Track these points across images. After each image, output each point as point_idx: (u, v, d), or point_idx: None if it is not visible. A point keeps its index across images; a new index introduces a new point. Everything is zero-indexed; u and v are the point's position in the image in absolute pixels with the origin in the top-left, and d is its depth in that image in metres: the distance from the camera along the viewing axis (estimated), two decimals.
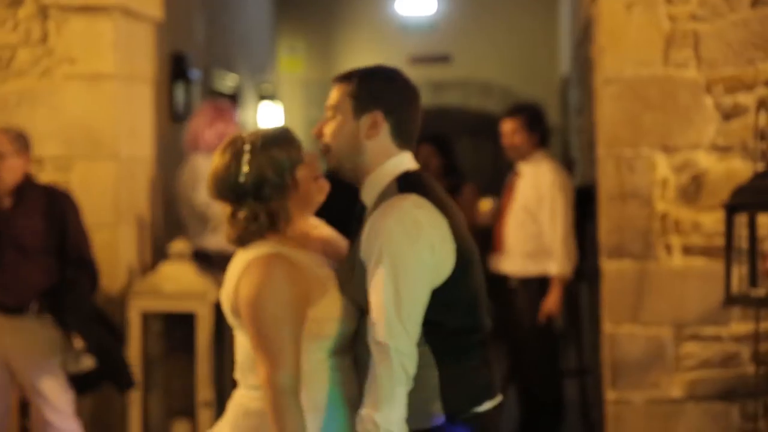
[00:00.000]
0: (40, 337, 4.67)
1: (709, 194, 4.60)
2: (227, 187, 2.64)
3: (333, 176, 2.73)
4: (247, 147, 2.63)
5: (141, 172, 5.67)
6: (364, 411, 2.50)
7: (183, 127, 6.78)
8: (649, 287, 4.64)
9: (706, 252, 4.62)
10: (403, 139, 2.67)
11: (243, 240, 2.65)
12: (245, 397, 2.67)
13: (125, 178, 5.44)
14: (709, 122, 4.60)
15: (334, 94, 2.67)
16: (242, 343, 2.67)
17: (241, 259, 2.63)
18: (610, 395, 4.71)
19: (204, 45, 7.63)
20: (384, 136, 2.64)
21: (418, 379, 2.54)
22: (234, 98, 8.49)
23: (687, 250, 4.65)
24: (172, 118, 6.74)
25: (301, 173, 2.65)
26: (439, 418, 2.58)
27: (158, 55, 6.13)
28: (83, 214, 4.97)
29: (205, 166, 5.63)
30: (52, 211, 4.69)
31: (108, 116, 5.36)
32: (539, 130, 5.82)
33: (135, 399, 5.26)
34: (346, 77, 2.68)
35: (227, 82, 8.50)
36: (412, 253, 2.50)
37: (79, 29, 5.33)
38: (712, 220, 4.59)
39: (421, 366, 2.53)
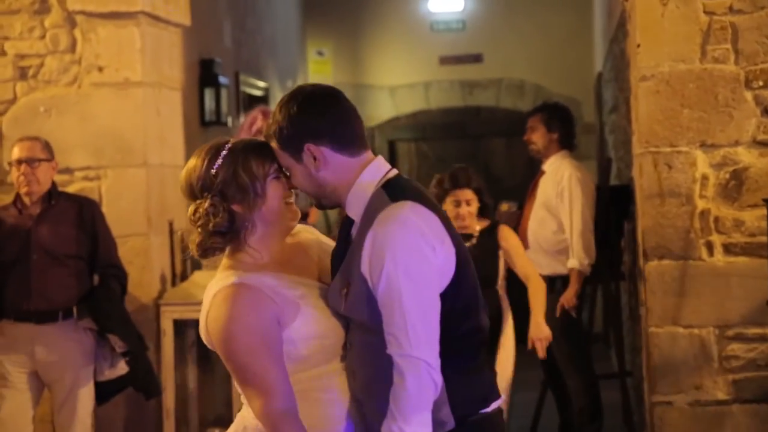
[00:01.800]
0: (73, 345, 4.67)
1: (751, 191, 4.49)
2: (196, 178, 2.57)
3: None
4: (227, 146, 2.58)
5: (171, 179, 5.63)
6: (394, 425, 2.44)
7: (212, 133, 6.75)
8: (690, 287, 4.53)
9: (748, 250, 4.52)
10: (351, 147, 2.57)
11: (204, 248, 2.59)
12: (245, 411, 2.62)
13: (155, 186, 5.41)
14: (749, 117, 4.49)
15: (277, 158, 2.59)
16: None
17: (209, 291, 2.57)
18: (652, 398, 4.61)
19: (232, 50, 7.60)
20: (332, 158, 2.55)
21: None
22: (263, 103, 8.44)
23: (728, 249, 4.54)
24: (202, 124, 6.71)
25: (273, 189, 2.57)
26: (449, 423, 2.54)
27: (186, 61, 6.10)
28: (115, 222, 4.96)
29: None
30: (83, 218, 4.74)
31: (137, 123, 5.34)
32: (559, 129, 5.81)
33: (169, 408, 5.22)
34: (268, 139, 2.60)
35: (256, 86, 8.46)
36: (422, 261, 2.46)
37: (106, 36, 5.31)
38: (754, 217, 4.48)
39: None
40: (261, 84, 8.61)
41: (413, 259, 2.45)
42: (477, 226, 5.04)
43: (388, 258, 2.43)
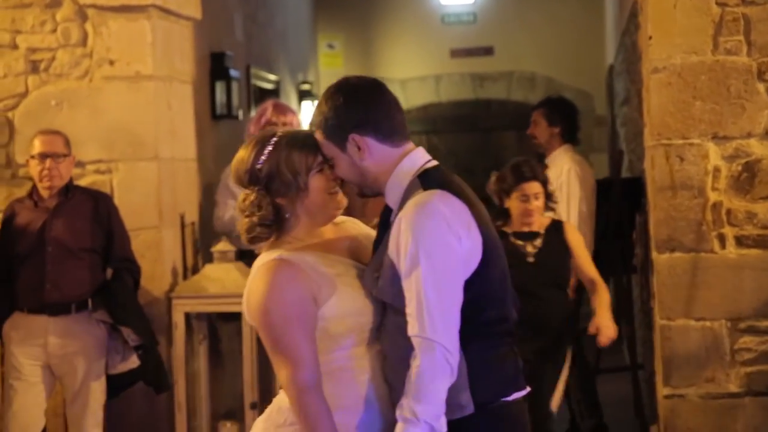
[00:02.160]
0: (86, 338, 4.69)
1: (763, 183, 4.47)
2: (244, 171, 2.67)
3: None
4: (273, 140, 2.68)
5: (183, 173, 5.64)
6: (405, 401, 2.50)
7: (224, 126, 6.76)
8: (702, 280, 4.52)
9: (760, 243, 4.50)
10: (394, 138, 2.67)
11: (251, 235, 2.69)
12: (281, 395, 2.70)
13: (167, 179, 5.42)
14: (761, 109, 4.47)
15: (320, 147, 2.69)
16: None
17: (253, 267, 2.69)
18: (663, 390, 4.60)
19: (243, 43, 7.60)
20: (375, 148, 2.66)
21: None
22: (275, 96, 8.45)
23: (741, 241, 4.52)
24: (213, 118, 6.71)
25: (316, 182, 2.66)
26: (468, 408, 2.59)
27: (198, 54, 6.10)
28: (127, 216, 4.98)
29: None
30: (98, 212, 4.77)
31: (148, 117, 5.34)
32: (561, 124, 5.82)
33: (181, 401, 5.23)
34: (311, 126, 2.72)
35: (267, 80, 8.46)
36: (444, 247, 2.52)
37: (117, 30, 5.32)
38: (767, 210, 4.46)
39: None
40: (272, 77, 8.61)
41: (436, 244, 2.51)
42: (542, 222, 4.85)
43: (412, 242, 2.51)
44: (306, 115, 9.96)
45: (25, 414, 4.64)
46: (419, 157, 2.70)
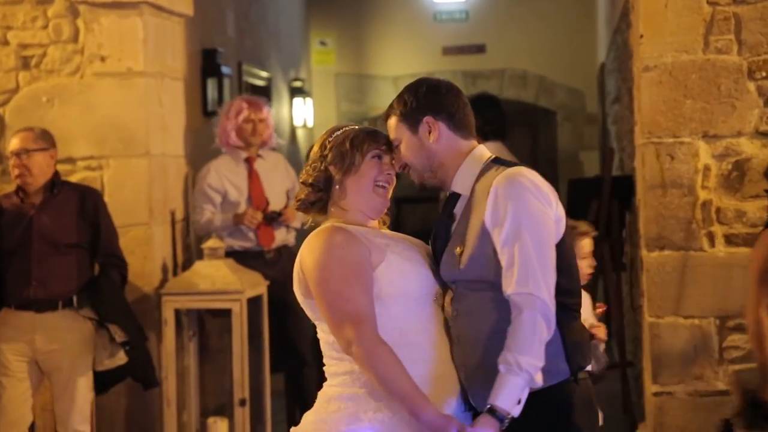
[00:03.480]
0: (73, 335, 4.67)
1: (753, 182, 4.49)
2: (319, 145, 2.89)
3: None
4: (351, 126, 2.93)
5: (173, 169, 5.63)
6: (507, 354, 2.60)
7: (215, 123, 6.75)
8: (691, 278, 4.53)
9: (749, 241, 4.51)
10: (463, 130, 2.88)
11: (302, 200, 2.87)
12: (327, 385, 2.77)
13: (158, 176, 5.41)
14: (752, 108, 4.48)
15: (390, 129, 2.90)
16: (323, 330, 2.77)
17: (305, 242, 2.79)
18: (652, 388, 4.61)
19: (235, 40, 7.59)
20: (446, 134, 2.85)
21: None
22: (266, 93, 8.44)
23: (730, 240, 4.54)
24: (204, 114, 6.71)
25: (368, 166, 2.84)
26: (564, 372, 2.73)
27: (189, 51, 6.10)
28: (117, 212, 4.97)
29: (214, 176, 5.68)
30: (84, 207, 4.74)
31: (139, 113, 5.33)
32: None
33: (170, 398, 5.23)
34: (388, 112, 2.92)
35: (259, 77, 8.45)
36: (541, 211, 2.70)
37: (108, 26, 5.31)
38: (756, 208, 4.48)
39: None
40: (264, 74, 8.60)
41: (534, 209, 2.69)
42: None
43: (512, 205, 2.68)
44: (297, 111, 9.96)
45: (12, 409, 4.64)
46: (486, 150, 2.90)
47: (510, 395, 2.61)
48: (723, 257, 4.52)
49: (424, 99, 2.87)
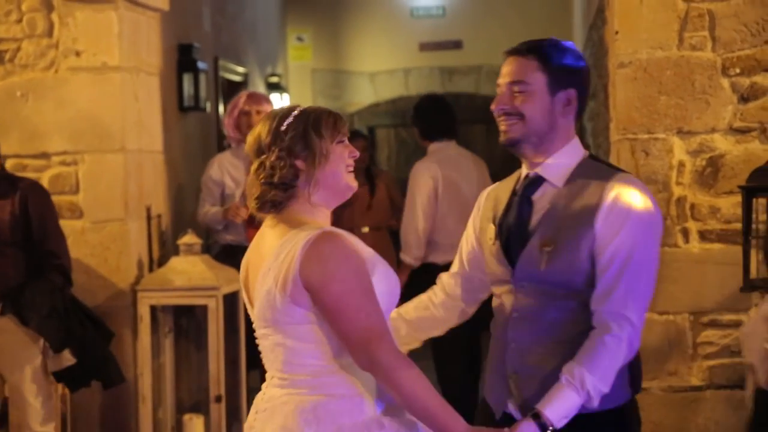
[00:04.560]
0: (14, 335, 4.52)
1: (727, 178, 4.51)
2: (267, 134, 2.61)
3: None
4: (298, 108, 2.65)
5: (149, 165, 5.61)
6: (575, 366, 2.50)
7: (191, 118, 6.73)
8: (665, 274, 4.54)
9: (723, 237, 4.53)
10: (578, 121, 2.74)
11: (263, 201, 2.60)
12: (292, 395, 2.56)
13: (133, 171, 5.39)
14: (725, 104, 4.51)
15: (518, 68, 2.69)
16: (292, 337, 2.56)
17: (294, 242, 2.53)
18: None
19: (211, 35, 7.56)
20: (571, 116, 2.69)
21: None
22: (242, 88, 8.42)
23: (704, 236, 4.56)
24: (180, 110, 6.69)
25: (337, 152, 2.62)
26: (626, 395, 2.66)
27: (165, 45, 6.07)
28: (92, 208, 4.91)
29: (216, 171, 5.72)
30: (19, 202, 4.52)
31: (115, 108, 5.31)
32: (416, 125, 6.20)
33: (146, 394, 5.21)
34: (532, 51, 2.69)
35: (235, 72, 8.43)
36: (657, 229, 2.61)
37: (83, 21, 5.28)
38: (730, 204, 4.50)
39: None
40: (240, 69, 8.58)
41: (653, 225, 2.58)
42: None
43: (633, 218, 2.54)
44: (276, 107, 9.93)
45: None
46: (581, 144, 2.75)
47: (561, 408, 2.49)
48: (697, 253, 4.54)
49: (580, 70, 2.69)
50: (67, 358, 4.54)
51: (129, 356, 5.14)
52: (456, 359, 5.96)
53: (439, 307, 2.99)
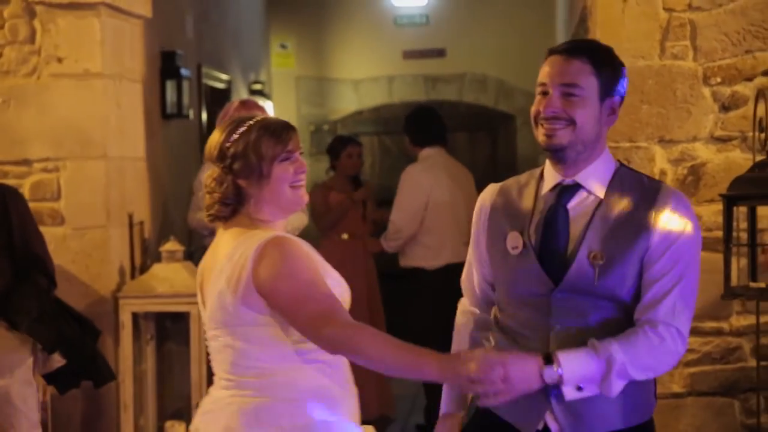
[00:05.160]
0: (6, 341, 4.44)
1: (708, 186, 4.53)
2: (215, 147, 2.68)
3: None
4: (247, 123, 2.67)
5: (131, 172, 5.60)
6: (609, 340, 2.45)
7: (174, 126, 6.72)
8: None
9: (704, 245, 4.42)
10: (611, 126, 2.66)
11: (210, 212, 2.69)
12: (236, 396, 2.62)
13: (115, 178, 5.37)
14: (707, 113, 4.53)
15: (571, 70, 2.55)
16: (241, 338, 2.62)
17: (246, 246, 2.59)
18: None
19: (195, 42, 7.55)
20: (610, 125, 2.63)
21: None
22: (226, 95, 8.41)
23: None
24: (163, 117, 6.67)
25: (279, 172, 2.65)
26: (651, 409, 2.69)
27: (148, 52, 6.06)
28: (74, 215, 4.89)
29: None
30: None
31: (97, 115, 5.29)
32: (407, 133, 6.45)
33: (127, 401, 5.19)
34: (584, 52, 2.57)
35: (219, 79, 8.42)
36: (701, 241, 2.61)
37: (66, 27, 5.26)
38: (711, 212, 4.52)
39: None
40: (223, 77, 8.57)
41: (699, 240, 2.58)
42: None
43: (688, 232, 2.52)
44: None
45: None
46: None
47: (575, 360, 2.42)
48: None
49: (623, 79, 2.61)
50: (57, 360, 4.54)
51: (110, 363, 5.11)
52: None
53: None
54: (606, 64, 2.57)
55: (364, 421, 2.74)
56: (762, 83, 4.46)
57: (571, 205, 2.57)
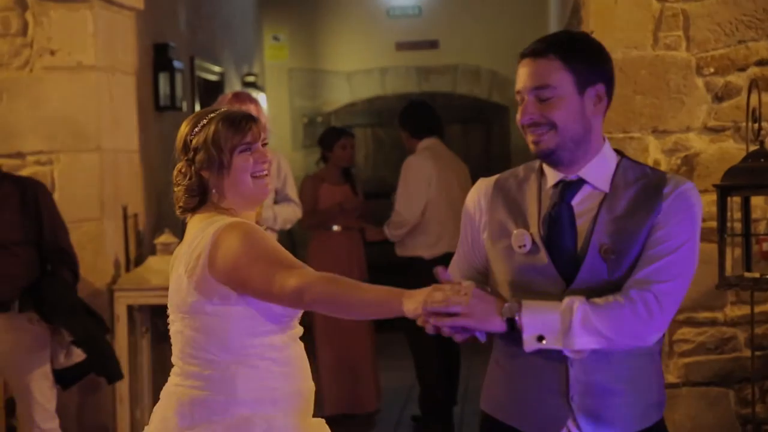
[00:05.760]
0: (27, 334, 4.58)
1: (701, 176, 4.54)
2: (180, 140, 2.73)
3: None
4: (210, 115, 2.71)
5: (125, 164, 5.59)
6: (579, 299, 2.36)
7: (167, 118, 6.71)
8: None
9: (700, 236, 4.55)
10: (606, 113, 2.52)
11: (179, 204, 2.72)
12: (179, 386, 2.64)
13: (109, 171, 5.37)
14: (700, 103, 4.54)
15: (539, 71, 2.44)
16: (190, 326, 2.63)
17: (204, 232, 2.63)
18: None
19: (187, 34, 7.54)
20: (603, 111, 2.48)
21: (656, 375, 2.58)
22: (219, 88, 8.40)
23: None
24: (156, 109, 6.66)
25: (239, 161, 2.67)
26: (664, 401, 2.60)
27: (140, 45, 6.05)
28: (68, 207, 4.90)
29: None
30: (26, 202, 4.58)
31: (90, 108, 5.29)
32: (405, 127, 6.47)
33: (123, 394, 5.19)
34: (551, 48, 2.44)
35: (211, 71, 8.41)
36: (697, 235, 2.49)
37: (58, 20, 5.25)
38: (705, 203, 4.47)
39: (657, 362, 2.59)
40: (216, 69, 8.56)
41: (699, 225, 2.48)
42: None
43: (692, 214, 2.44)
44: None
45: None
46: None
47: (537, 309, 2.35)
48: None
49: (604, 64, 2.47)
50: (78, 354, 4.60)
51: (114, 353, 5.11)
52: (433, 352, 6.06)
53: None
54: (577, 53, 2.44)
55: (361, 416, 2.75)
56: (755, 73, 4.47)
57: (576, 201, 2.47)
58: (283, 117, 10.90)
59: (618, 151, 2.55)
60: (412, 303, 2.36)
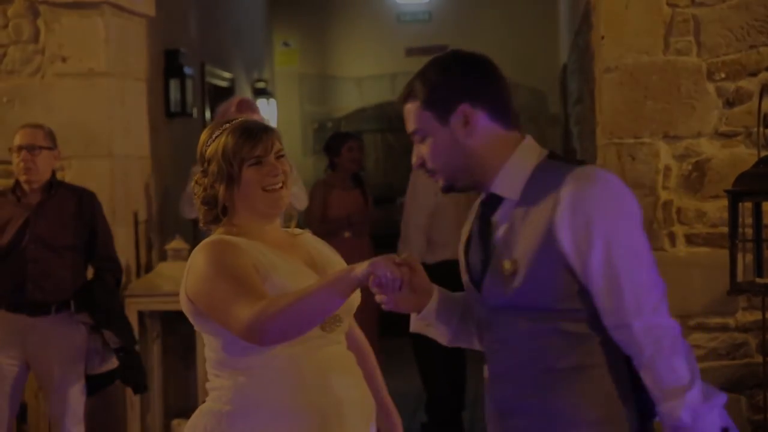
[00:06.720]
0: (65, 340, 4.60)
1: (713, 182, 4.53)
2: (198, 150, 2.68)
3: None
4: (226, 125, 2.66)
5: (136, 171, 5.61)
6: (684, 394, 2.18)
7: (178, 124, 6.73)
8: None
9: (710, 241, 4.56)
10: (507, 119, 2.29)
11: (200, 214, 2.68)
12: (207, 398, 2.66)
13: (120, 177, 5.38)
14: (711, 109, 4.53)
15: (409, 118, 2.32)
16: (204, 340, 2.64)
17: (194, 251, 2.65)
18: None
19: (198, 41, 7.56)
20: (485, 125, 2.26)
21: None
22: (229, 93, 8.42)
23: (691, 240, 4.58)
24: (167, 115, 6.68)
25: (249, 174, 2.60)
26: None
27: (151, 51, 6.07)
28: None
29: None
30: (82, 210, 4.69)
31: (101, 114, 5.30)
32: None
33: (134, 399, 5.20)
34: (406, 94, 2.33)
35: (222, 77, 8.43)
36: (638, 219, 2.22)
37: (70, 26, 5.27)
38: (716, 208, 4.52)
39: None
40: (226, 75, 8.58)
41: (632, 218, 2.20)
42: None
43: (599, 212, 2.16)
44: (261, 112, 9.92)
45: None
46: (535, 144, 2.32)
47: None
48: (684, 257, 4.56)
49: (457, 82, 2.27)
50: (112, 362, 4.64)
51: (143, 364, 5.12)
52: (438, 358, 6.04)
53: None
54: (428, 88, 2.29)
55: None
56: (766, 78, 4.46)
57: (498, 216, 2.29)
58: (293, 123, 10.92)
59: (552, 153, 2.32)
60: (363, 265, 2.29)
